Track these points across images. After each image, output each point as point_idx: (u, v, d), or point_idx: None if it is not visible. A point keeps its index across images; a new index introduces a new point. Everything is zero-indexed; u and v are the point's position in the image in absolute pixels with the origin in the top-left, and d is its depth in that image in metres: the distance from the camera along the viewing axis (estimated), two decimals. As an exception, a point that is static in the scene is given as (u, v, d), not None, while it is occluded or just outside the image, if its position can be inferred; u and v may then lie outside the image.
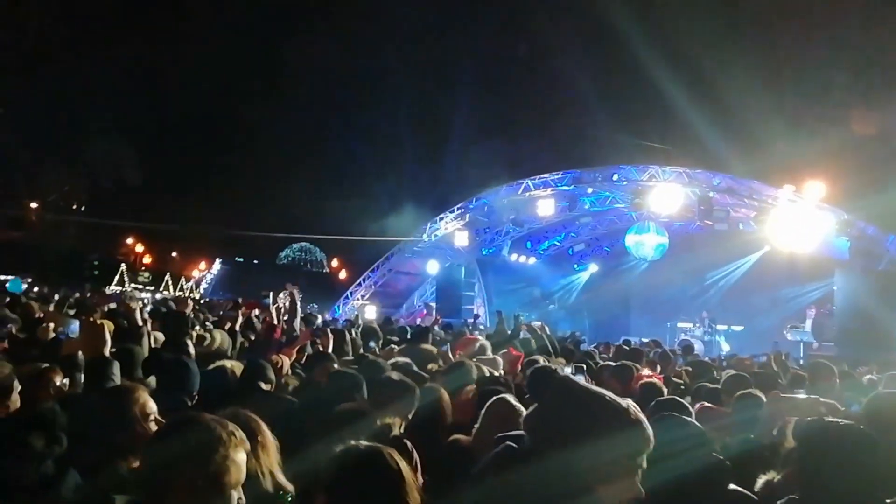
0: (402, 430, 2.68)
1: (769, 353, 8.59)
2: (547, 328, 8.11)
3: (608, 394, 1.56)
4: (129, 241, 29.94)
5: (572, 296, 20.33)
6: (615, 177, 15.94)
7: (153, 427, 2.17)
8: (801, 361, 11.96)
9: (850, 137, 18.62)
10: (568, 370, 4.96)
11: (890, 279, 13.31)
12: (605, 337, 14.96)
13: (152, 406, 2.25)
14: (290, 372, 4.46)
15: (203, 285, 27.57)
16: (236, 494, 1.61)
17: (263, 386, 3.44)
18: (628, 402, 1.53)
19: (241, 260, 27.63)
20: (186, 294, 21.04)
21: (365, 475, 1.73)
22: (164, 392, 2.86)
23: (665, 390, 4.22)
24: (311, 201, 27.11)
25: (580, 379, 5.21)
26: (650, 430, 1.49)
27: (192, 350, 4.61)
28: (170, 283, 28.48)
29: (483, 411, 2.75)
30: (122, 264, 28.42)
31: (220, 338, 5.57)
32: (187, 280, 28.96)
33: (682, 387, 5.30)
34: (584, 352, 8.63)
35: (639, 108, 23.59)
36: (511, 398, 2.85)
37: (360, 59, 25.49)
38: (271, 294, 7.88)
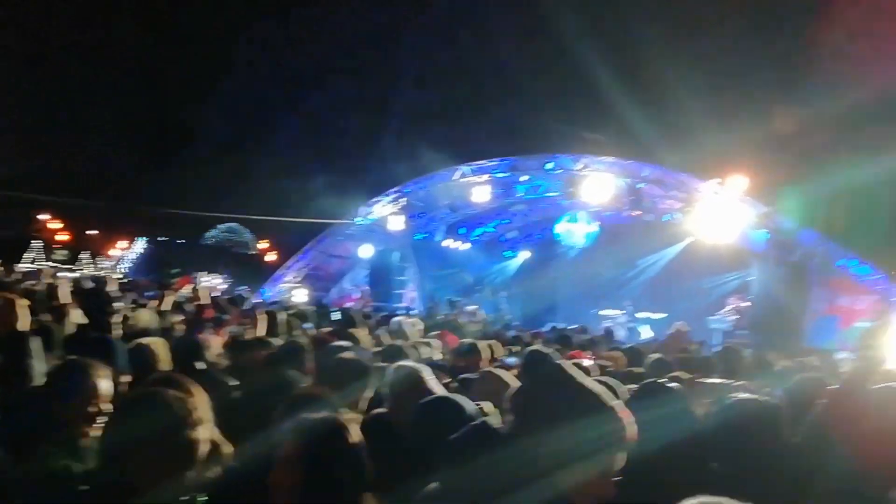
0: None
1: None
2: (482, 313, 8.21)
3: (593, 382, 1.62)
4: (44, 217, 28.48)
5: (503, 282, 20.58)
6: (549, 165, 16.17)
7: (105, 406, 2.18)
8: (719, 348, 12.49)
9: (771, 134, 19.48)
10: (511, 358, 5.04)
11: (801, 270, 14.07)
12: (532, 323, 15.31)
13: (105, 386, 2.22)
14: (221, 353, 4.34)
15: (125, 264, 26.49)
16: (197, 467, 1.66)
17: (198, 365, 3.34)
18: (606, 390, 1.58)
19: (166, 239, 26.68)
20: (106, 273, 20.16)
21: (335, 443, 1.72)
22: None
23: (596, 372, 4.33)
24: (239, 180, 26.35)
25: (513, 361, 5.30)
26: (625, 420, 1.52)
27: (116, 329, 4.43)
28: (88, 261, 27.25)
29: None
30: (37, 241, 27.01)
31: (147, 317, 5.37)
32: (106, 259, 27.77)
33: (609, 370, 5.44)
34: (513, 336, 8.79)
35: (573, 99, 23.94)
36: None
37: (295, 40, 24.85)
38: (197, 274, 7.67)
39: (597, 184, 15.68)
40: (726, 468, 2.19)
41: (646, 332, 16.80)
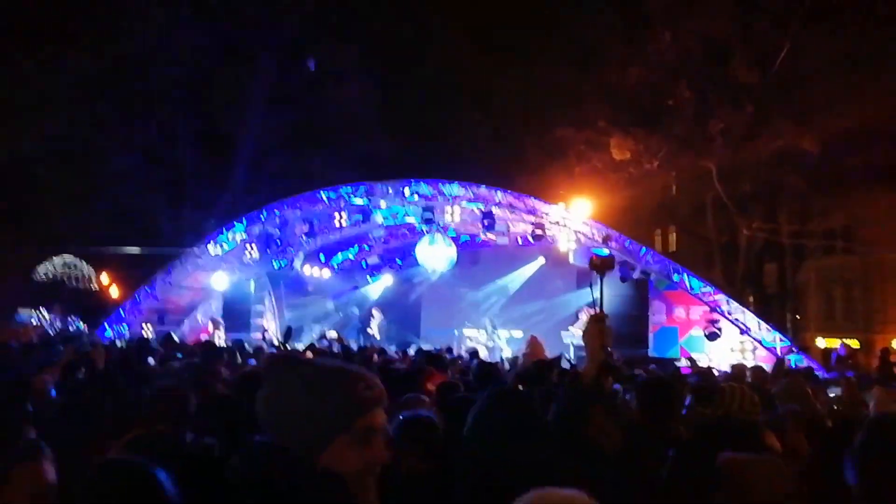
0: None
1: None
2: (343, 338, 8.11)
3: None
4: None
5: (365, 307, 20.46)
6: (406, 191, 16.37)
7: None
8: (573, 361, 13.16)
9: (609, 160, 21.00)
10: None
11: (642, 285, 15.24)
12: (400, 346, 15.48)
13: None
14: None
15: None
16: None
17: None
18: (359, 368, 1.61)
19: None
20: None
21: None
22: None
23: (460, 386, 4.44)
24: (76, 212, 24.28)
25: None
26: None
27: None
28: None
29: None
30: None
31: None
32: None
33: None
34: (384, 360, 8.75)
35: (426, 123, 24.50)
36: None
37: (132, 69, 23.51)
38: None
39: (453, 208, 16.12)
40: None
41: (506, 349, 17.37)
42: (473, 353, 11.61)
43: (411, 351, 11.88)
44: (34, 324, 16.45)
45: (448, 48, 23.51)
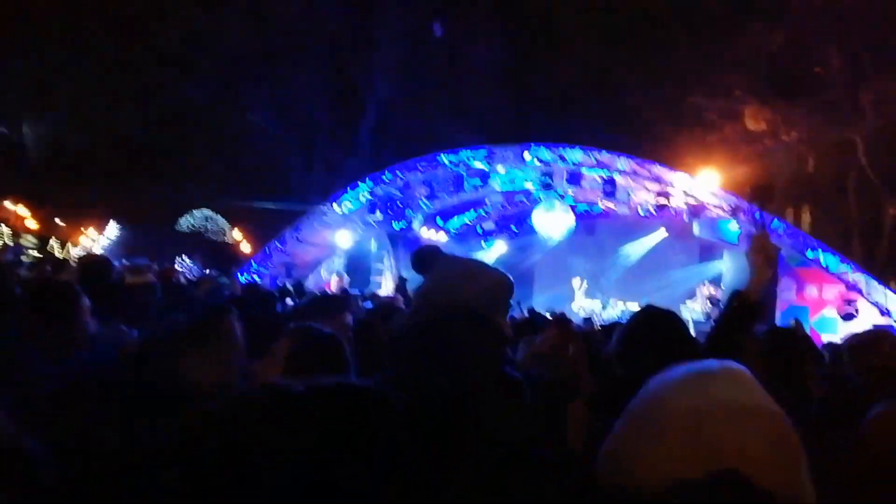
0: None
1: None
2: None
3: None
4: (8, 203, 27.79)
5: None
6: (526, 155, 16.30)
7: None
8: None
9: (743, 130, 19.89)
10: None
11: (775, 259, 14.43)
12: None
13: None
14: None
15: (97, 251, 25.98)
16: None
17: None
18: None
19: (138, 225, 26.27)
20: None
21: None
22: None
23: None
24: (215, 169, 26.01)
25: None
26: None
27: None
28: (55, 248, 26.70)
29: None
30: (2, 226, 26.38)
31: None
32: (74, 245, 27.21)
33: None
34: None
35: (551, 87, 24.12)
36: None
37: (269, 33, 24.61)
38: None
39: (573, 174, 15.90)
40: None
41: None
42: (587, 320, 11.55)
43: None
44: (178, 269, 17.88)
45: (578, 10, 22.91)
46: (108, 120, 24.46)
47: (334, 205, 18.82)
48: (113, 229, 24.09)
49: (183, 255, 19.93)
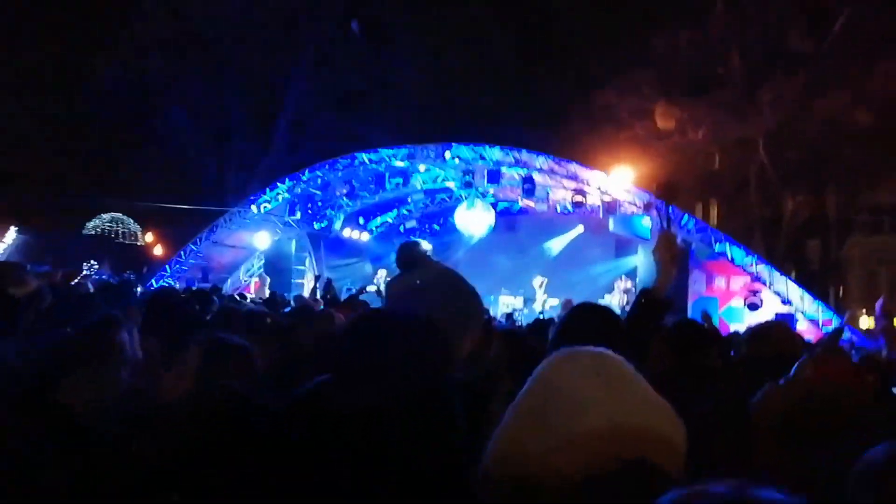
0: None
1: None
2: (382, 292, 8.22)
3: None
4: None
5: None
6: (447, 154, 16.40)
7: None
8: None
9: (653, 129, 20.68)
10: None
11: (682, 255, 15.09)
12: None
13: None
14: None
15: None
16: None
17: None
18: None
19: (41, 229, 24.80)
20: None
21: None
22: None
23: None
24: (125, 169, 24.89)
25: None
26: None
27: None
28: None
29: None
30: None
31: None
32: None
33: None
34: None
35: (470, 87, 24.35)
36: None
37: (181, 28, 23.74)
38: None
39: (493, 173, 16.13)
40: None
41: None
42: (509, 316, 11.73)
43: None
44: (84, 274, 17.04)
45: (496, 11, 23.20)
46: (8, 121, 23.03)
47: (252, 205, 18.39)
48: (12, 235, 22.66)
49: (91, 261, 18.97)
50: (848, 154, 20.50)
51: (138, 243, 26.94)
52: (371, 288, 8.92)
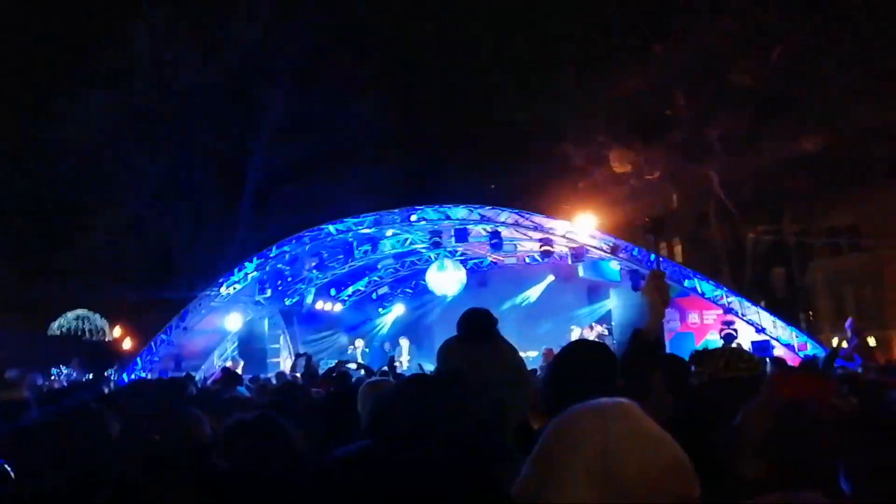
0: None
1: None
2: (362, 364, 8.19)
3: None
4: None
5: (382, 337, 20.52)
6: (413, 217, 16.53)
7: None
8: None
9: (610, 174, 21.20)
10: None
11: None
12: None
13: None
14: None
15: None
16: None
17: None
18: None
19: None
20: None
21: None
22: None
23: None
24: (84, 262, 24.44)
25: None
26: None
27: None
28: None
29: None
30: None
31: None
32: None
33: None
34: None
35: (430, 147, 24.78)
36: None
37: (131, 106, 23.83)
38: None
39: (459, 231, 16.27)
40: None
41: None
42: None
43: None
44: (52, 378, 16.48)
45: (450, 68, 23.80)
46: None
47: (221, 288, 18.17)
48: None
49: (59, 364, 18.41)
50: (800, 181, 21.20)
51: (106, 339, 26.31)
52: (351, 365, 8.85)
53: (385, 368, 9.09)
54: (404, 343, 18.74)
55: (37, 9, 23.69)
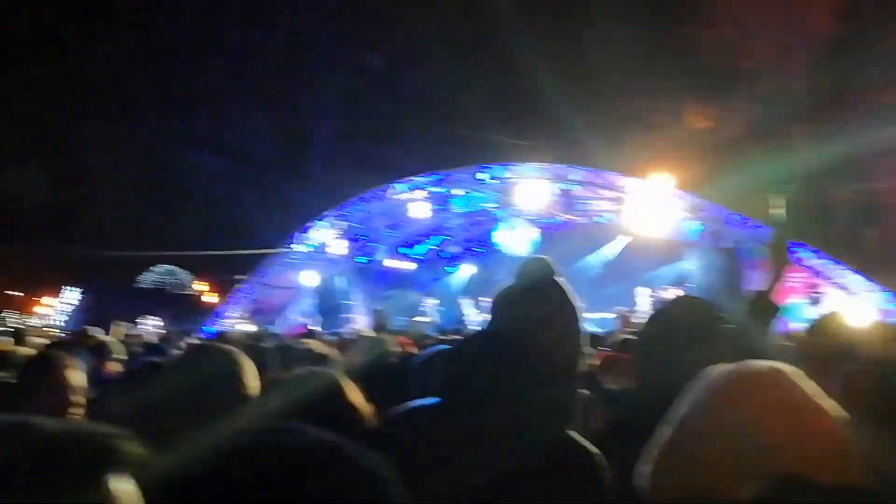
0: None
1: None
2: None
3: None
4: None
5: (448, 296, 20.66)
6: (480, 175, 16.39)
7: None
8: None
9: (691, 130, 20.35)
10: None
11: (733, 255, 14.71)
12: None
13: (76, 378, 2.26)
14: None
15: (59, 318, 25.10)
16: None
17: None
18: None
19: (97, 287, 25.52)
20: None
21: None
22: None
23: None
24: (168, 221, 25.56)
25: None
26: None
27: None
28: (14, 319, 25.78)
29: None
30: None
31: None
32: (33, 316, 26.37)
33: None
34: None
35: (499, 106, 24.38)
36: None
37: (209, 68, 24.43)
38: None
39: (529, 190, 16.01)
40: None
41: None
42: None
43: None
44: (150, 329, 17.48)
45: (520, 28, 23.21)
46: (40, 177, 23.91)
47: (295, 244, 18.65)
48: (69, 295, 23.42)
49: (146, 315, 19.44)
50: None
51: (190, 293, 27.56)
52: (423, 318, 8.97)
53: (457, 327, 9.19)
54: (472, 302, 18.81)
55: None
